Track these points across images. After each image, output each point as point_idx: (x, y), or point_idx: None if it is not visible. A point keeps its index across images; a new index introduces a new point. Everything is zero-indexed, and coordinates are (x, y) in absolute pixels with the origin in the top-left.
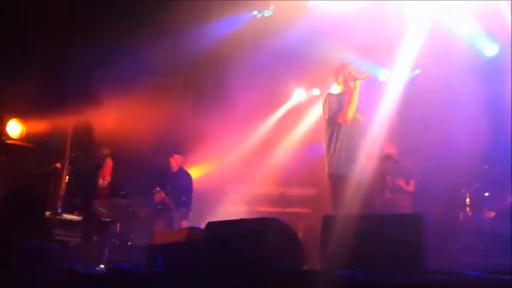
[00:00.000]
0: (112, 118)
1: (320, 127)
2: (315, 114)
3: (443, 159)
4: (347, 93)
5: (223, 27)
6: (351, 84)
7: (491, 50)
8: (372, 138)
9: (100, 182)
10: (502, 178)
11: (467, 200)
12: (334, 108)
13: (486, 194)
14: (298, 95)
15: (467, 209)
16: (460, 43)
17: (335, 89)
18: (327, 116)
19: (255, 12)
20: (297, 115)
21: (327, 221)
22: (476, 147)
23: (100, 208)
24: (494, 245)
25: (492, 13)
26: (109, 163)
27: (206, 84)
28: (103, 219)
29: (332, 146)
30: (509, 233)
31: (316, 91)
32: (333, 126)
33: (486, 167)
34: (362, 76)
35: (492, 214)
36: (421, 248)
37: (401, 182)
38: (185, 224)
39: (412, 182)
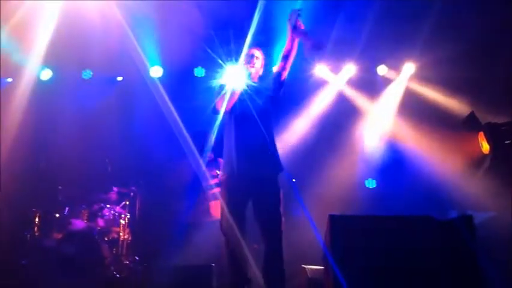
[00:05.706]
0: None
1: None
2: None
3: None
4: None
5: None
6: None
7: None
8: None
9: None
10: (73, 199)
11: (37, 219)
12: None
13: (57, 215)
14: None
15: (36, 228)
16: None
17: None
18: None
19: None
20: None
21: None
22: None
23: None
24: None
25: None
26: None
27: None
28: None
29: None
30: (73, 255)
31: None
32: None
33: (60, 187)
34: None
35: (59, 236)
36: None
37: None
38: None
39: None
